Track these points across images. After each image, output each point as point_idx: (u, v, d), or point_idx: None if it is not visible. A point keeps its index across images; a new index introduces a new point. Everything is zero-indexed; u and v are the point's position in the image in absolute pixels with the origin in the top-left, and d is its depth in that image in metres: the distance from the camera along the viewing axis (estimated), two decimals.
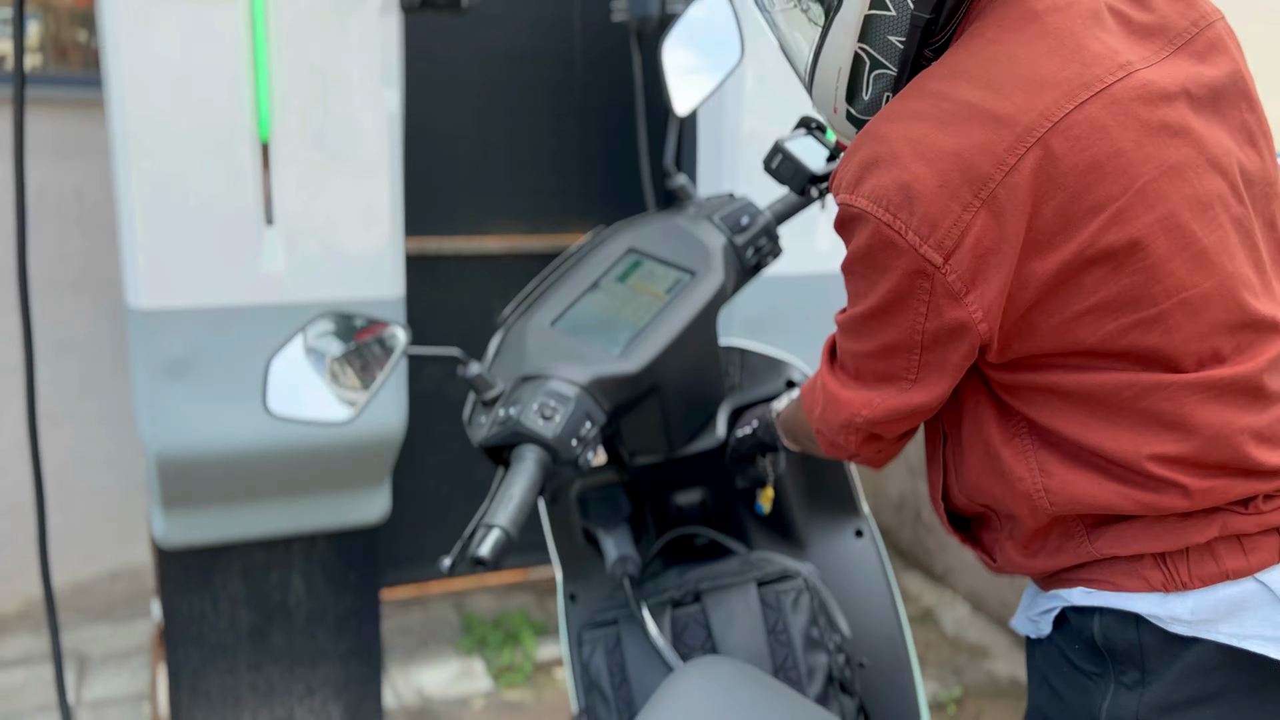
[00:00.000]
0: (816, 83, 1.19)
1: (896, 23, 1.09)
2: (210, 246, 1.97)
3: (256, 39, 1.91)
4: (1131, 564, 1.11)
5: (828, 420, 1.23)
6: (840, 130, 1.25)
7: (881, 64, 1.13)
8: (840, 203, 1.06)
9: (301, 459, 2.16)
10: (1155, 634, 1.09)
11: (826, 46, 1.14)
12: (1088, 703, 1.14)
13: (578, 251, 1.65)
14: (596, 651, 1.59)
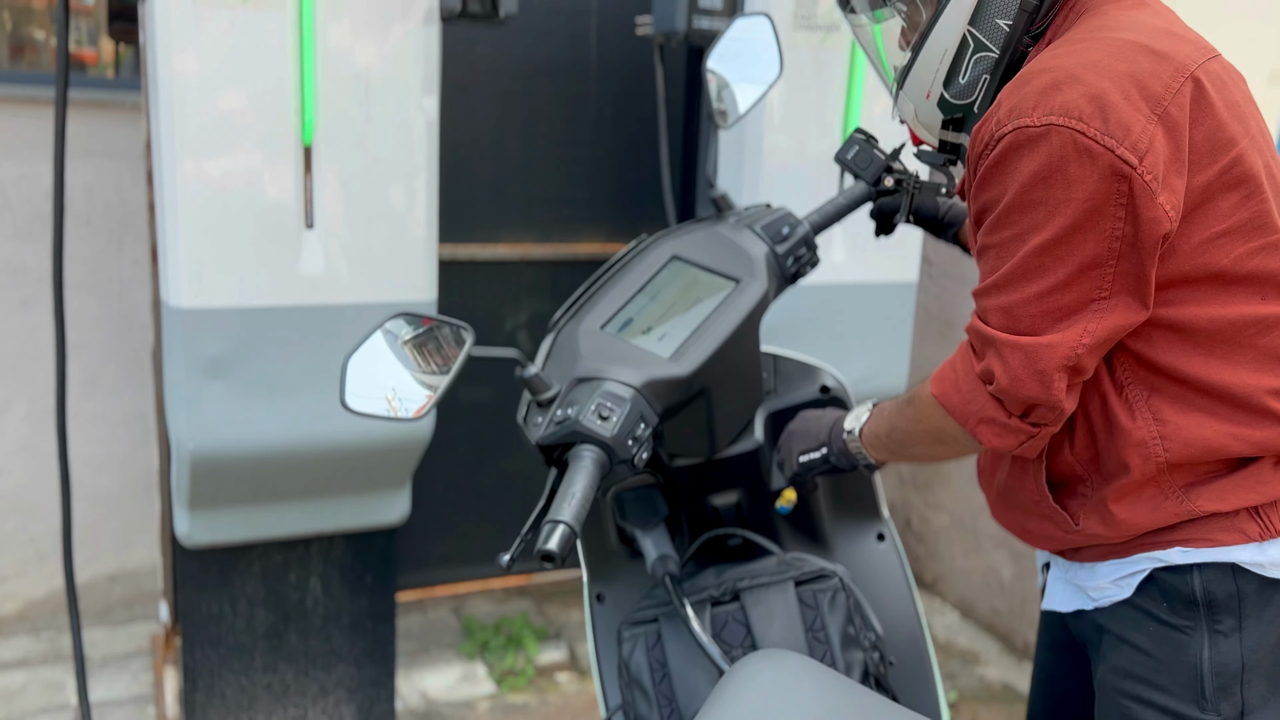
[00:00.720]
0: (918, 66, 1.29)
1: (1006, 6, 1.22)
2: (250, 248, 2.00)
3: (304, 45, 1.95)
4: (1229, 519, 1.23)
5: (1018, 385, 1.18)
6: (925, 119, 1.35)
7: (985, 47, 1.24)
8: (1018, 127, 1.11)
9: (330, 459, 2.18)
10: (1252, 581, 1.22)
11: (937, 29, 1.25)
12: (1183, 654, 1.24)
13: (622, 258, 1.69)
14: (637, 648, 1.63)
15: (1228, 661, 1.23)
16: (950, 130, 1.34)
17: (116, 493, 3.13)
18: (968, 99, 1.29)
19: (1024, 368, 1.18)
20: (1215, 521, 1.23)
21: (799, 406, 1.72)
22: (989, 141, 1.16)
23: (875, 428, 1.43)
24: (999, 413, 1.22)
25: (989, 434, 1.24)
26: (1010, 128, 1.13)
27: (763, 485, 1.69)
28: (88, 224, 2.96)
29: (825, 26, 2.41)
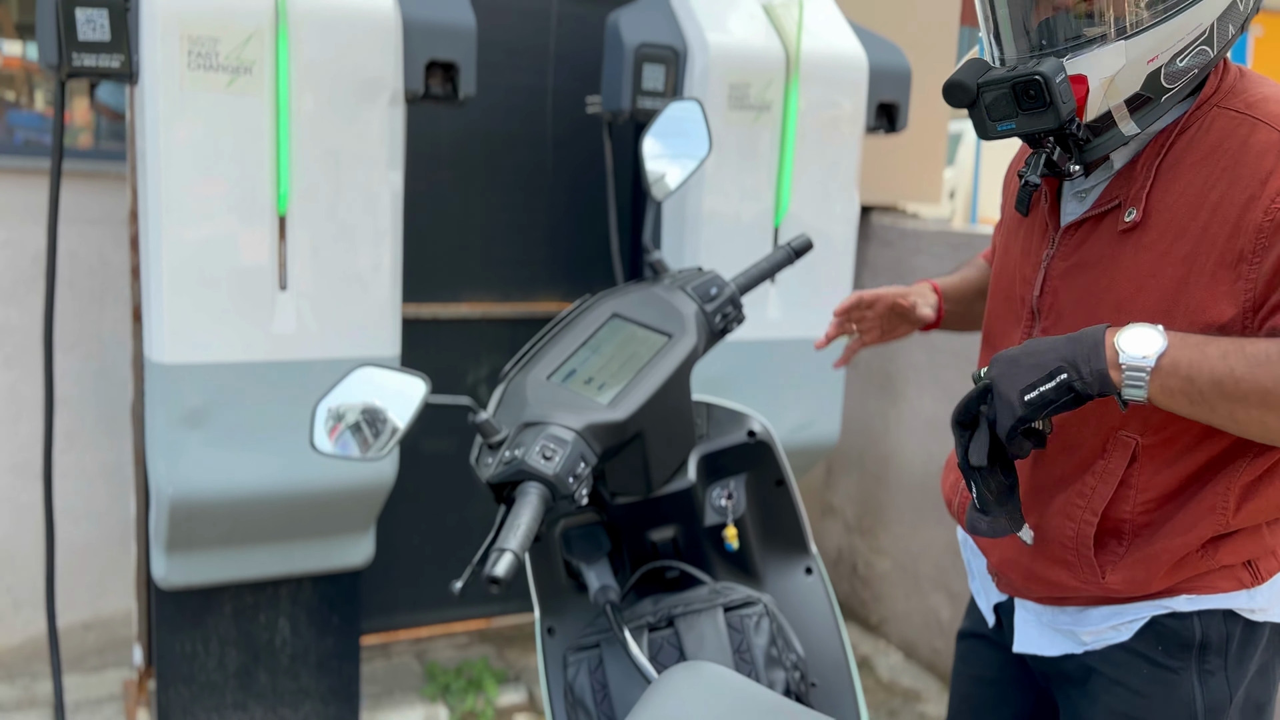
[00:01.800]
0: (1166, 27, 1.19)
1: (1240, 17, 1.25)
2: (228, 308, 2.17)
3: (280, 124, 2.15)
4: (1229, 569, 1.34)
5: None
6: (1122, 83, 1.22)
7: (1212, 43, 1.23)
8: None
9: (299, 503, 2.34)
10: (1239, 624, 1.34)
11: (1200, 6, 1.20)
12: (1175, 691, 1.35)
13: (568, 315, 1.86)
14: (581, 671, 1.78)
15: (1218, 699, 1.34)
16: (1125, 107, 1.25)
17: (94, 543, 3.26)
18: (1170, 85, 1.24)
19: None
20: (1219, 571, 1.34)
21: (728, 449, 1.89)
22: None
23: (1194, 366, 1.16)
24: None
25: None
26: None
27: (696, 520, 1.85)
28: (71, 287, 3.12)
29: (757, 107, 2.65)
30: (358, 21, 2.19)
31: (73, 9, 2.03)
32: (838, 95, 2.73)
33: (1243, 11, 1.26)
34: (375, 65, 2.22)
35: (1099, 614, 1.41)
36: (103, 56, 2.07)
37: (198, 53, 2.06)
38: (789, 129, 2.69)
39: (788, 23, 2.70)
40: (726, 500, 1.86)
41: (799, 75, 2.68)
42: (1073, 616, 1.43)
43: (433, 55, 2.31)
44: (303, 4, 2.14)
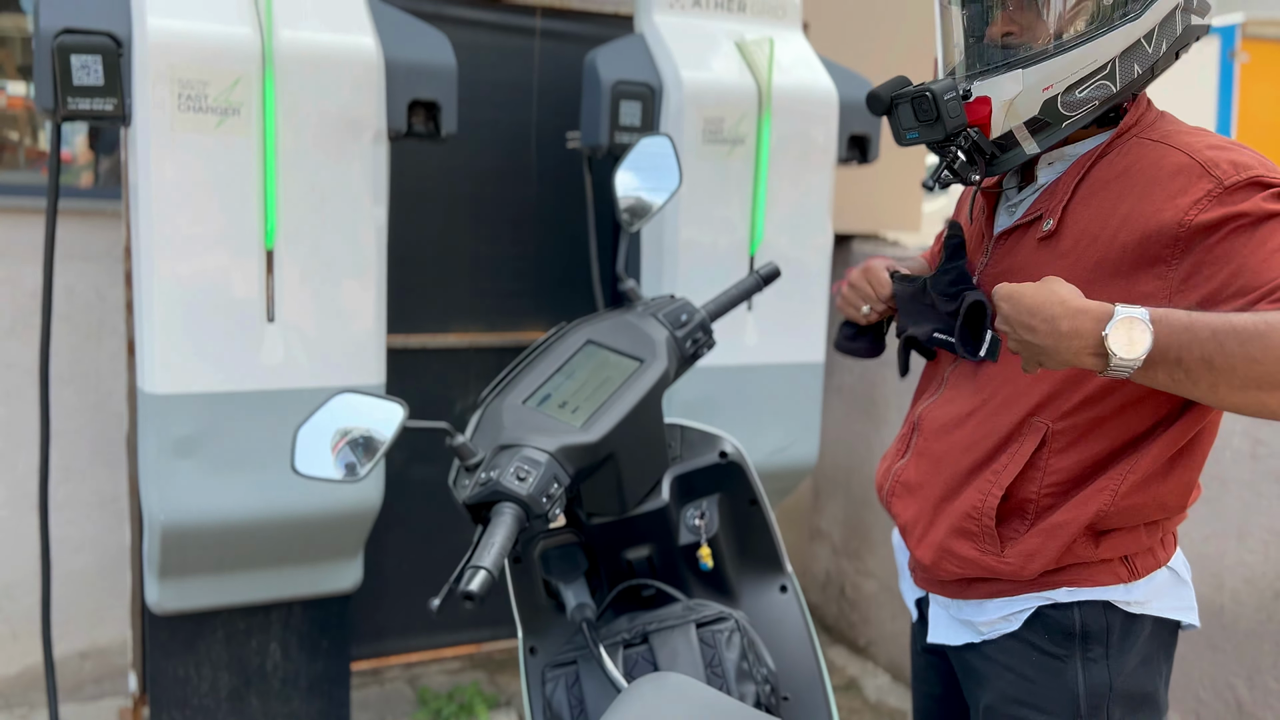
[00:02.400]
0: (1063, 59, 1.35)
1: (1146, 59, 1.37)
2: (218, 339, 2.25)
3: (267, 163, 2.23)
4: (1107, 564, 1.47)
5: None
6: (1021, 106, 1.37)
7: (1114, 79, 1.37)
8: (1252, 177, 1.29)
9: (288, 529, 2.41)
10: (1119, 616, 1.45)
11: (1104, 38, 1.35)
12: (1059, 679, 1.47)
13: (544, 342, 1.92)
14: (558, 687, 1.83)
15: (1098, 684, 1.45)
16: (1025, 129, 1.40)
17: (90, 573, 3.32)
18: (1069, 113, 1.38)
19: None
20: (1098, 566, 1.46)
21: (701, 470, 1.95)
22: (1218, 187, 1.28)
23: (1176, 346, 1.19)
24: None
25: None
26: (1244, 177, 1.28)
27: (671, 539, 1.91)
28: (68, 321, 3.20)
29: (731, 140, 2.74)
30: (341, 63, 2.28)
31: (68, 55, 2.13)
32: (809, 128, 2.82)
33: (1151, 55, 1.38)
34: (359, 105, 2.31)
35: (994, 605, 1.53)
36: (97, 100, 2.16)
37: (187, 95, 2.15)
38: (762, 161, 2.77)
39: (759, 59, 2.80)
40: (700, 520, 1.91)
41: (771, 109, 2.77)
42: (972, 608, 1.56)
43: (415, 95, 2.41)
44: (288, 48, 2.23)
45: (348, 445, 1.65)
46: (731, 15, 2.92)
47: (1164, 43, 1.38)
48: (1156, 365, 1.19)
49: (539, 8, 3.17)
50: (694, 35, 2.83)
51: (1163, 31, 1.38)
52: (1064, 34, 1.37)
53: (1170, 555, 1.51)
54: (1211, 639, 2.57)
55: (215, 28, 2.19)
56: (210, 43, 2.17)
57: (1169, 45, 1.39)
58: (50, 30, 2.12)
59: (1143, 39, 1.37)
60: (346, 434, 1.65)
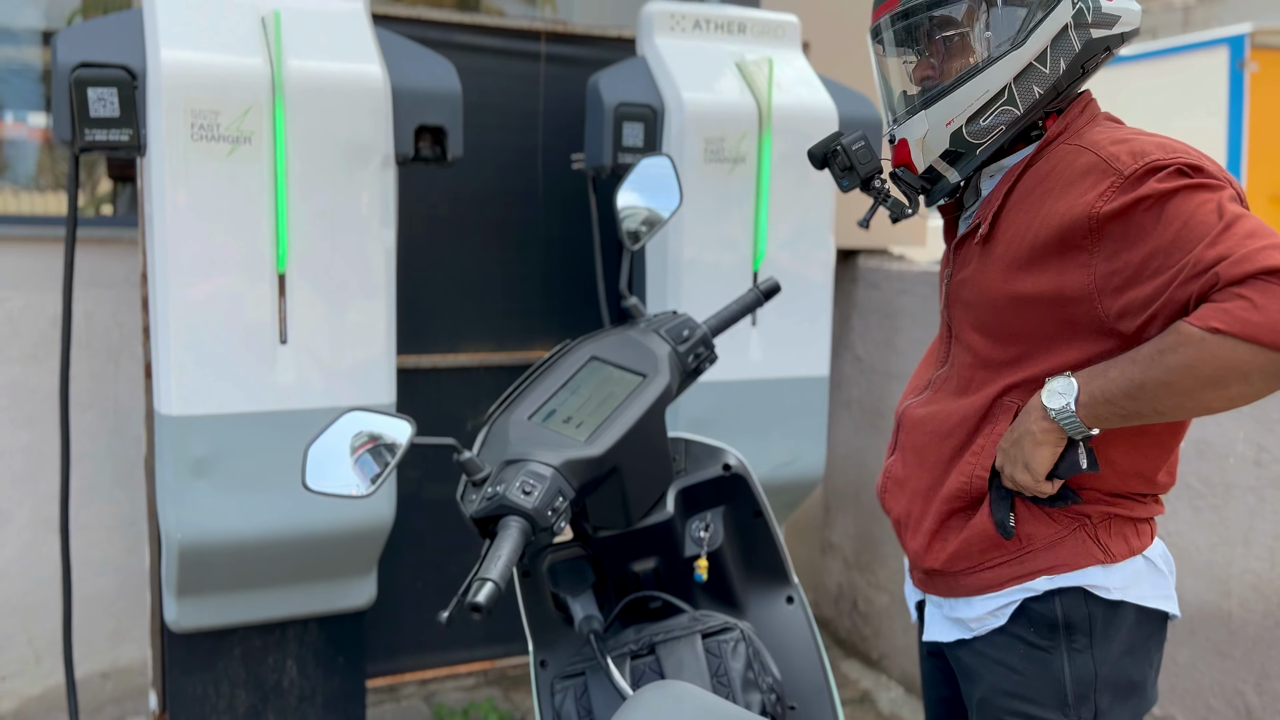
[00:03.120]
0: (955, 95, 1.49)
1: (1044, 79, 1.47)
2: (232, 361, 2.31)
3: (278, 188, 2.29)
4: (1080, 544, 1.52)
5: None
6: (931, 142, 1.54)
7: (1015, 103, 1.48)
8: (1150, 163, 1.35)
9: (302, 546, 2.45)
10: (1099, 605, 1.51)
11: (989, 71, 1.47)
12: (1047, 670, 1.52)
13: (549, 359, 1.95)
14: (567, 698, 1.86)
15: (1084, 674, 1.51)
16: (944, 161, 1.55)
17: (111, 594, 3.37)
18: (979, 141, 1.51)
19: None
20: (1070, 545, 1.51)
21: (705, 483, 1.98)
22: (1119, 178, 1.36)
23: (1105, 390, 1.38)
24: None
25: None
26: (1141, 165, 1.35)
27: (677, 552, 1.94)
28: (87, 347, 3.27)
29: (732, 159, 2.79)
30: (349, 91, 2.34)
31: (85, 88, 2.19)
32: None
33: (1049, 74, 1.48)
34: (367, 131, 2.37)
35: (980, 602, 1.59)
36: (113, 131, 2.22)
37: (200, 125, 2.21)
38: (763, 179, 2.82)
39: (759, 79, 2.85)
40: (705, 532, 1.94)
41: (771, 128, 2.82)
42: (963, 605, 1.62)
43: (421, 120, 2.47)
44: (297, 77, 2.29)
45: (357, 462, 1.69)
46: (732, 37, 2.97)
47: (1061, 61, 1.48)
48: (1096, 407, 1.38)
49: (544, 33, 3.23)
50: (695, 57, 2.88)
51: (1057, 51, 1.47)
52: (961, 72, 1.50)
53: (1146, 545, 1.56)
54: (1219, 645, 2.58)
55: (226, 59, 2.25)
56: (222, 74, 2.24)
57: (1070, 62, 1.48)
58: (67, 64, 2.19)
59: (1035, 63, 1.47)
60: (356, 451, 1.70)
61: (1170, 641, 2.67)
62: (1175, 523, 2.67)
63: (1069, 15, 1.47)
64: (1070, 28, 1.47)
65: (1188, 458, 2.62)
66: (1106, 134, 1.45)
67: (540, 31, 3.23)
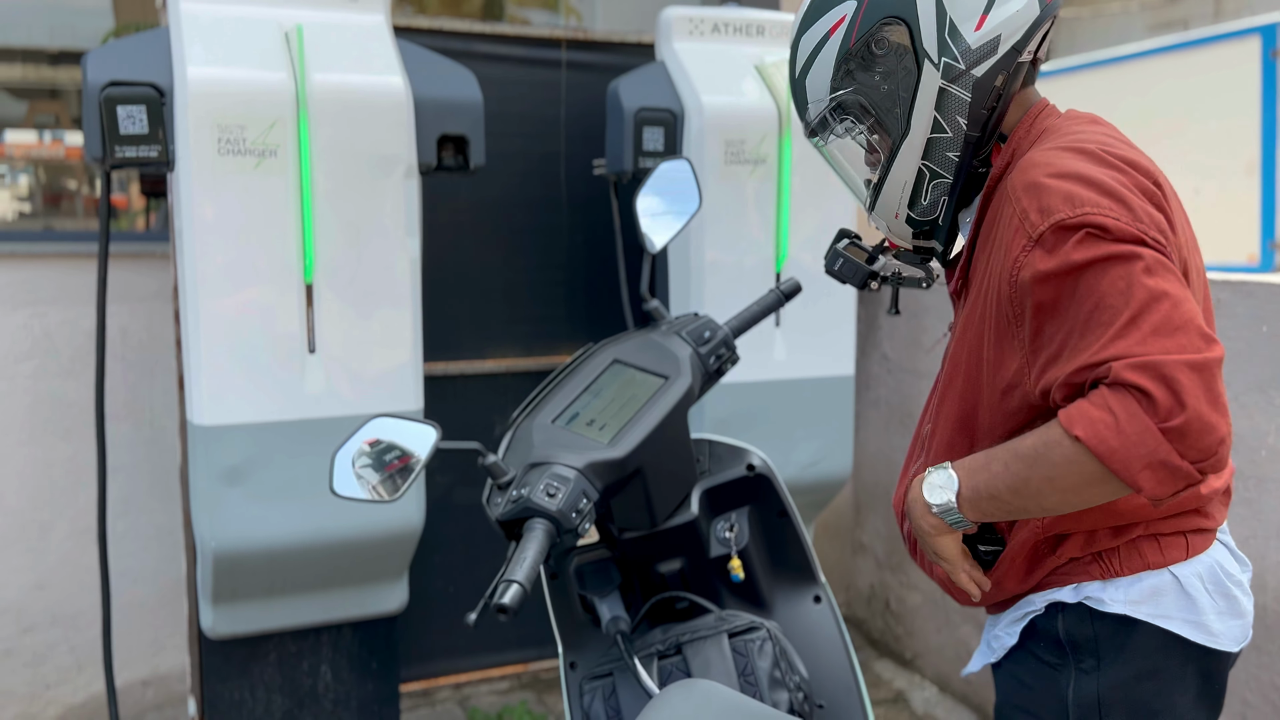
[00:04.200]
0: (883, 195, 1.49)
1: (952, 142, 1.42)
2: (262, 371, 2.35)
3: (304, 201, 2.33)
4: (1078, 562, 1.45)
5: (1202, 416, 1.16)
6: (897, 232, 1.55)
7: (940, 175, 1.45)
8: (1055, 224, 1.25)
9: (334, 552, 2.49)
10: (1106, 624, 1.42)
11: (895, 167, 1.46)
12: (1054, 687, 1.47)
13: (572, 363, 1.97)
14: (596, 699, 1.87)
15: (1087, 696, 1.44)
16: (922, 238, 1.54)
17: (150, 602, 3.43)
18: (931, 216, 1.49)
19: (1204, 391, 1.16)
20: (1066, 565, 1.45)
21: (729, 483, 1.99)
22: (1029, 240, 1.27)
23: (990, 486, 1.34)
24: (1172, 455, 1.16)
25: (1152, 481, 1.18)
26: (1049, 224, 1.25)
27: (703, 552, 1.95)
28: (123, 360, 3.33)
29: (753, 161, 2.80)
30: (372, 103, 2.38)
31: (114, 106, 2.24)
32: None
33: (955, 136, 1.42)
34: (390, 142, 2.40)
35: (1002, 619, 1.57)
36: (142, 148, 2.27)
37: (227, 139, 2.26)
38: (784, 180, 2.83)
39: (779, 80, 2.86)
40: (730, 532, 1.95)
41: (791, 129, 2.82)
42: (990, 623, 1.61)
43: (443, 130, 2.50)
44: (321, 91, 2.33)
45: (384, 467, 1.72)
46: (750, 40, 2.98)
47: (958, 118, 1.41)
48: (980, 502, 1.35)
49: (564, 40, 3.26)
50: (714, 60, 2.90)
51: (948, 113, 1.41)
52: (875, 160, 1.51)
53: (1173, 561, 1.44)
54: (1255, 639, 2.55)
55: (251, 74, 2.29)
56: (247, 89, 2.28)
57: (969, 112, 1.40)
58: (97, 83, 2.24)
59: (933, 135, 1.42)
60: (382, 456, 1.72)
61: None
62: None
63: (937, 77, 1.39)
64: (947, 86, 1.39)
65: None
66: (1026, 171, 1.32)
67: (560, 39, 3.26)
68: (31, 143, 4.10)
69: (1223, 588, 1.45)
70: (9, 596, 3.26)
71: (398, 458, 1.71)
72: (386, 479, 1.70)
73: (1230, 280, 2.58)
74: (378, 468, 1.71)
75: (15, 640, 3.29)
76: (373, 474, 1.70)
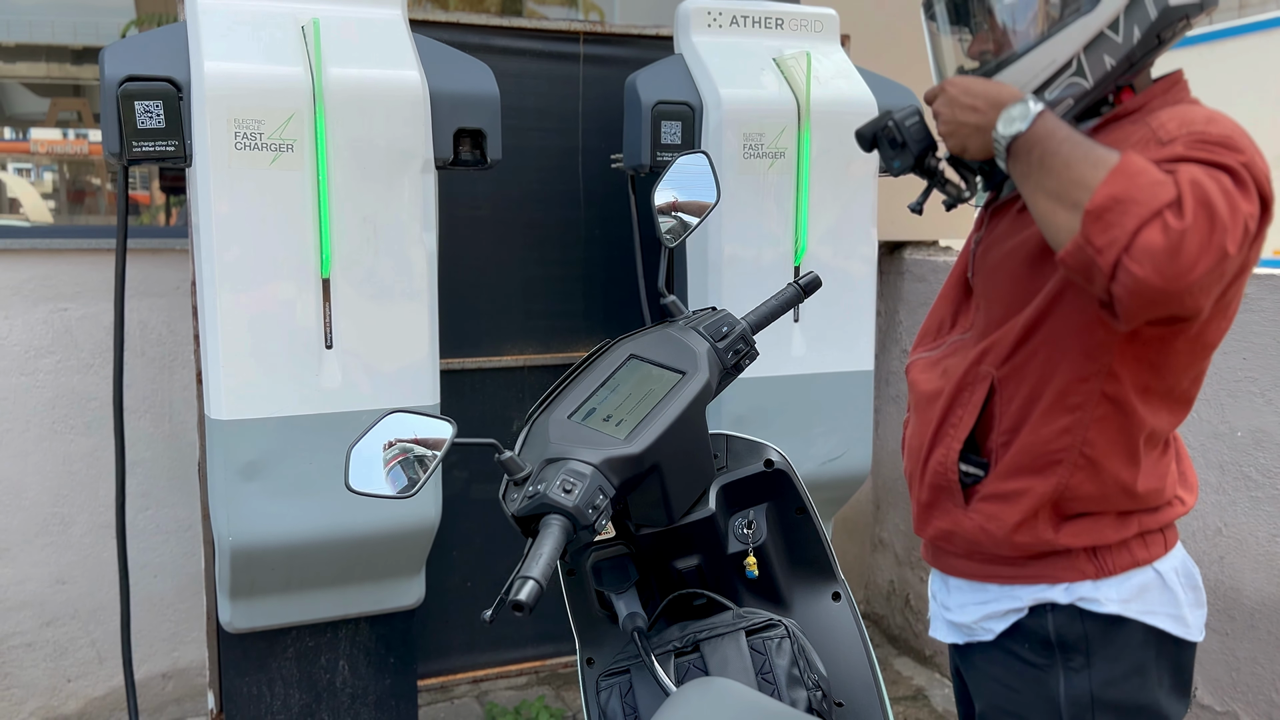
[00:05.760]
0: (1020, 65, 1.38)
1: (1117, 48, 1.36)
2: (279, 366, 2.35)
3: (321, 195, 2.33)
4: (1069, 558, 1.45)
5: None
6: None
7: (1084, 74, 1.37)
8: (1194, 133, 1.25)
9: (351, 547, 2.48)
10: (1096, 623, 1.42)
11: (1055, 39, 1.36)
12: (1042, 688, 1.45)
13: (589, 358, 1.97)
14: (612, 696, 1.87)
15: (1079, 694, 1.43)
16: None
17: (170, 596, 3.45)
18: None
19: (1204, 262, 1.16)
20: (1059, 559, 1.45)
21: (747, 479, 1.98)
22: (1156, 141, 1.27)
23: (1046, 146, 1.27)
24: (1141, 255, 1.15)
25: (1098, 230, 1.18)
26: (1185, 133, 1.25)
27: (720, 549, 1.94)
28: (142, 355, 3.34)
29: (771, 154, 2.78)
30: (388, 97, 2.37)
31: (132, 101, 2.24)
32: (850, 138, 2.84)
33: (1122, 45, 1.37)
34: (406, 136, 2.39)
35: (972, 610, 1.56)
36: (160, 143, 2.27)
37: (244, 134, 2.25)
38: (803, 174, 2.80)
39: (798, 73, 2.83)
40: (747, 529, 1.94)
41: (810, 122, 2.80)
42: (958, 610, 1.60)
43: (460, 124, 2.49)
44: (337, 85, 2.33)
45: (399, 463, 1.71)
46: (769, 33, 2.96)
47: (1135, 29, 1.36)
48: (1019, 154, 1.28)
49: (582, 33, 3.25)
50: (732, 53, 2.88)
51: (1131, 19, 1.36)
52: (1025, 41, 1.40)
53: (1156, 557, 1.46)
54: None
55: (268, 69, 2.29)
56: (264, 83, 2.28)
57: (1144, 31, 1.36)
58: (115, 78, 2.24)
59: (1106, 30, 1.36)
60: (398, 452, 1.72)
61: (1230, 636, 2.61)
62: (1233, 514, 2.61)
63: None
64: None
65: (1245, 448, 2.56)
66: (1172, 113, 1.33)
67: (578, 32, 3.25)
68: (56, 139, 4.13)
69: (1192, 579, 1.48)
70: (30, 590, 3.29)
71: (413, 453, 1.71)
72: (402, 474, 1.69)
73: (1259, 274, 2.54)
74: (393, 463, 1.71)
75: (36, 633, 3.31)
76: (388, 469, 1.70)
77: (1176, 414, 1.44)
